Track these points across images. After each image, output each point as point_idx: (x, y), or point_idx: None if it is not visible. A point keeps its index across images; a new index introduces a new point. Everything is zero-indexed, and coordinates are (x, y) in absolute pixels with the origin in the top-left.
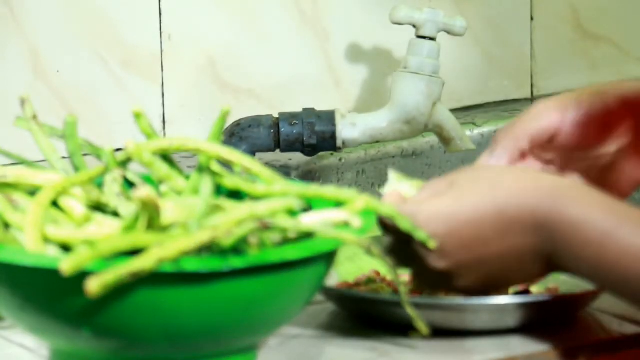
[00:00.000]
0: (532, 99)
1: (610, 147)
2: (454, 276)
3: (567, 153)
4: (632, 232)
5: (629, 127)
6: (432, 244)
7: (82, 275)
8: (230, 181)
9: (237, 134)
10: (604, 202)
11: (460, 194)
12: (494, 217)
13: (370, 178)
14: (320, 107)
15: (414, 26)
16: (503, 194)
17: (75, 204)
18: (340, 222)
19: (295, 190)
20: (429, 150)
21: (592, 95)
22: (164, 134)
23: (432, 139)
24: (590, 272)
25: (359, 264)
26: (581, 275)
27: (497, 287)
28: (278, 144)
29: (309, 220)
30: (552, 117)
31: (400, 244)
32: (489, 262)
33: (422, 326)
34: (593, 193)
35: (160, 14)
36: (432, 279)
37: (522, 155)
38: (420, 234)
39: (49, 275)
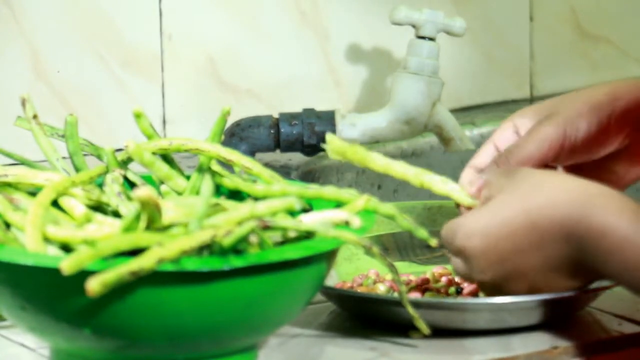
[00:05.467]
0: (532, 99)
1: (602, 152)
2: (501, 286)
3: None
4: None
5: (622, 137)
6: (433, 242)
7: (82, 275)
8: (230, 181)
9: (237, 134)
10: (629, 208)
11: (494, 209)
12: (527, 230)
13: (370, 178)
14: (320, 107)
15: (414, 26)
16: (534, 206)
17: (76, 204)
18: (340, 222)
19: (295, 190)
20: (429, 150)
21: (590, 111)
22: (164, 134)
23: (432, 139)
24: (617, 278)
25: (356, 265)
26: (613, 281)
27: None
28: (278, 144)
29: (309, 220)
30: (552, 143)
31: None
32: (530, 273)
33: (422, 326)
34: (619, 199)
35: (160, 14)
36: (489, 289)
37: None
38: (420, 233)
39: (49, 274)
